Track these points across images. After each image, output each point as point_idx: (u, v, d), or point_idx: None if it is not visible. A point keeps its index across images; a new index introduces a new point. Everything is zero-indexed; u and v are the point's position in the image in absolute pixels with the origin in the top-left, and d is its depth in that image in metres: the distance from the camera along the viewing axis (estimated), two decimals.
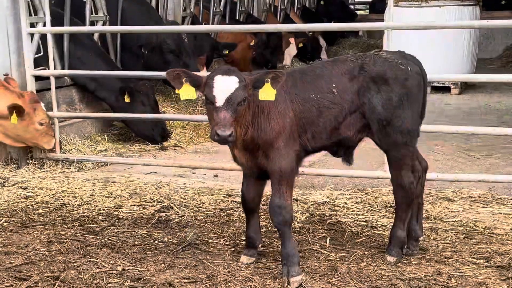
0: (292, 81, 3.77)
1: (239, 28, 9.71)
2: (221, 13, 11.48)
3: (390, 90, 3.76)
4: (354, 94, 3.77)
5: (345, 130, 3.81)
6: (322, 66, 3.87)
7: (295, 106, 3.72)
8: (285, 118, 3.68)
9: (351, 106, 3.78)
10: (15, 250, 4.30)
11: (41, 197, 5.44)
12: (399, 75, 3.78)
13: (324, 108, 3.73)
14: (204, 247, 4.34)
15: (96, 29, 7.77)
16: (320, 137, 3.77)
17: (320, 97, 3.74)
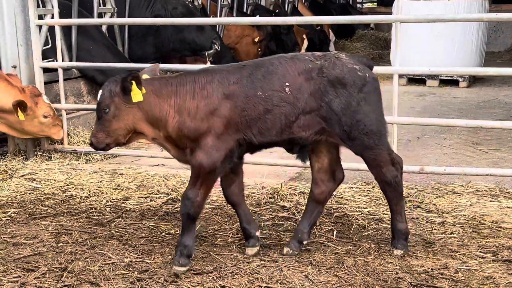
0: (237, 77, 3.74)
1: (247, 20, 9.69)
2: (228, 5, 11.45)
3: (349, 95, 3.74)
4: (310, 96, 3.72)
5: (299, 130, 3.77)
6: (278, 62, 3.80)
7: (235, 104, 3.69)
8: (216, 117, 3.68)
9: (305, 107, 3.73)
10: (23, 241, 4.32)
11: (49, 189, 5.47)
12: (357, 81, 3.77)
13: (273, 105, 3.69)
14: (211, 240, 4.35)
15: (104, 21, 7.77)
16: (269, 133, 3.74)
17: (269, 94, 3.70)
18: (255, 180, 5.72)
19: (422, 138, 7.45)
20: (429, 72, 5.68)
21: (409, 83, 11.71)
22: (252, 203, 5.07)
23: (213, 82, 3.73)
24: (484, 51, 11.89)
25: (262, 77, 3.73)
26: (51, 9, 6.57)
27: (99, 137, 3.83)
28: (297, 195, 5.23)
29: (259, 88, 3.70)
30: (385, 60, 14.57)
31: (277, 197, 5.18)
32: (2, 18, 6.36)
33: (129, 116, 3.76)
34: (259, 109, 3.69)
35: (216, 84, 3.72)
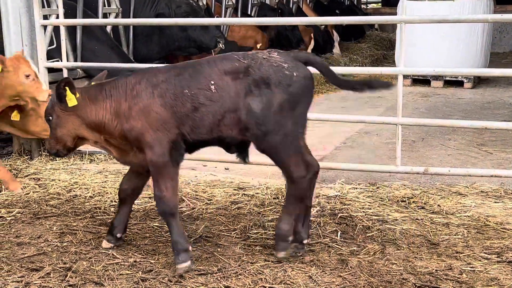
0: (166, 76, 3.82)
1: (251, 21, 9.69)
2: (233, 6, 11.46)
3: (272, 95, 3.70)
4: (236, 95, 3.73)
5: (226, 128, 3.79)
6: (206, 62, 3.85)
7: (166, 101, 3.77)
8: (150, 114, 3.77)
9: (231, 106, 3.74)
10: (27, 241, 4.33)
11: (54, 189, 5.48)
12: (282, 80, 3.72)
13: (200, 104, 3.74)
14: (215, 240, 4.35)
15: (108, 21, 7.78)
16: (199, 131, 3.79)
17: (195, 93, 3.75)
18: (259, 181, 5.73)
19: (427, 139, 7.44)
20: (433, 73, 5.66)
21: (413, 84, 11.70)
22: (256, 203, 5.07)
23: (142, 83, 3.84)
24: (489, 52, 11.87)
25: (189, 76, 3.80)
26: (56, 9, 6.58)
27: (51, 143, 4.05)
28: None
29: (186, 86, 3.77)
30: (389, 61, 14.57)
31: (281, 197, 5.18)
32: (7, 18, 6.37)
33: (69, 123, 3.95)
34: (187, 107, 3.75)
35: (145, 83, 3.82)
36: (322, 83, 11.69)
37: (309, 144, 7.14)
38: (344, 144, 7.31)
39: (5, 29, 6.42)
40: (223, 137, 3.84)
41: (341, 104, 10.08)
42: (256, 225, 4.62)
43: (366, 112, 9.21)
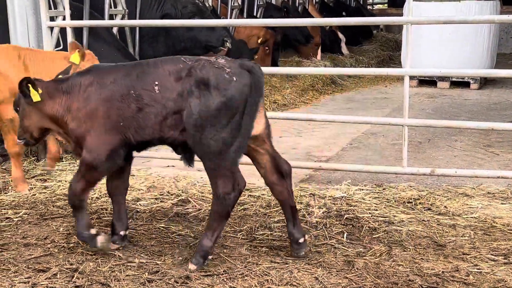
0: (114, 77, 3.88)
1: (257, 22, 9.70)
2: (239, 7, 11.47)
3: (210, 97, 3.68)
4: (179, 96, 3.73)
5: (169, 129, 3.80)
6: (153, 63, 3.88)
7: (111, 104, 3.83)
8: (95, 119, 3.86)
9: (173, 107, 3.75)
10: (34, 242, 4.34)
11: (60, 190, 5.49)
12: (220, 83, 3.70)
13: (144, 105, 3.77)
14: (221, 241, 4.35)
15: (115, 22, 7.80)
16: (143, 132, 3.81)
17: (140, 94, 3.78)
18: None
19: (433, 140, 7.43)
20: (440, 73, 5.65)
21: (420, 85, 11.69)
22: (262, 204, 5.07)
23: (93, 85, 3.91)
24: (495, 52, 11.85)
25: (136, 77, 3.83)
26: (63, 10, 6.60)
27: (19, 132, 4.21)
28: (307, 197, 5.23)
29: (132, 87, 3.81)
30: (395, 62, 14.56)
31: None
32: (14, 20, 6.40)
33: (33, 115, 4.09)
34: (132, 108, 3.78)
35: (95, 86, 3.90)
36: (328, 84, 11.70)
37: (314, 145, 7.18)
38: (350, 145, 7.30)
39: (12, 30, 6.44)
40: (165, 138, 3.85)
41: (347, 105, 10.07)
42: (262, 226, 4.62)
43: (372, 113, 9.20)
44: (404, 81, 5.49)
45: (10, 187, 5.60)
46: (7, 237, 4.46)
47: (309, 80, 11.28)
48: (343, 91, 11.58)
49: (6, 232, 4.53)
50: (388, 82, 12.42)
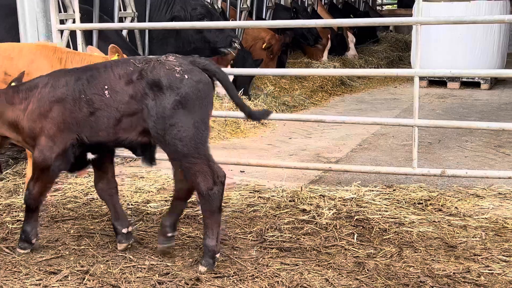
0: (66, 81, 3.93)
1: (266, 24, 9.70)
2: (247, 9, 11.47)
3: (164, 98, 3.70)
4: (131, 98, 3.76)
5: (123, 132, 3.84)
6: (103, 67, 3.92)
7: (64, 106, 3.88)
8: (48, 120, 3.92)
9: (127, 110, 3.78)
10: (45, 244, 4.36)
11: (71, 192, 5.51)
12: (173, 83, 3.71)
13: (96, 109, 3.81)
14: (231, 243, 4.35)
15: (124, 25, 7.82)
16: (98, 134, 3.86)
17: (90, 97, 3.83)
18: (274, 183, 5.73)
19: (443, 140, 7.40)
20: (450, 74, 5.62)
21: (429, 85, 11.65)
22: (272, 206, 5.07)
23: (47, 86, 3.98)
24: (505, 52, 11.78)
25: (86, 81, 3.87)
26: (73, 14, 6.63)
27: None
28: (317, 198, 5.22)
29: (83, 91, 3.85)
30: (405, 62, 14.51)
31: (297, 200, 5.17)
32: (24, 23, 6.44)
33: None
34: (84, 111, 3.84)
35: (49, 87, 3.96)
36: (337, 85, 11.68)
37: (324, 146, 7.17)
38: (360, 146, 7.29)
39: (22, 34, 6.48)
40: (121, 140, 3.89)
41: (357, 106, 10.05)
42: (272, 228, 4.61)
43: (382, 114, 9.18)
44: (414, 81, 5.47)
45: (21, 189, 5.62)
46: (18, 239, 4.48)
47: (318, 81, 11.27)
48: (352, 92, 11.56)
49: (17, 234, 4.55)
50: (397, 83, 12.39)
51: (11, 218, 4.91)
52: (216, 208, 3.84)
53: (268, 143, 7.56)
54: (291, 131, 8.22)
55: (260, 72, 8.31)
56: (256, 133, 8.13)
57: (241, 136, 7.92)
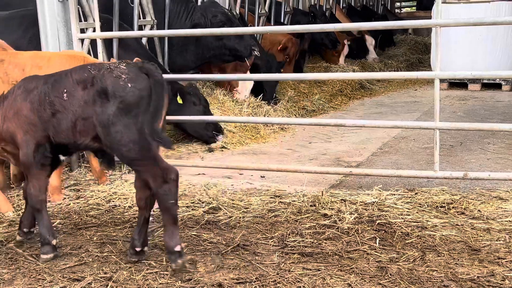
0: (35, 84, 4.19)
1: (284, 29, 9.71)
2: (266, 15, 11.50)
3: (108, 105, 3.87)
4: (85, 104, 3.96)
5: (80, 135, 4.05)
6: (65, 73, 4.13)
7: (34, 106, 4.13)
8: (20, 117, 4.17)
9: (81, 114, 3.98)
10: (69, 251, 4.40)
11: (93, 199, 5.56)
12: (116, 91, 3.87)
13: (56, 110, 4.05)
14: (252, 248, 4.36)
15: (144, 33, 7.88)
16: (60, 135, 4.09)
17: (52, 100, 4.06)
18: (295, 188, 5.72)
19: (465, 143, 7.34)
20: (471, 76, 5.57)
21: (450, 88, 11.57)
22: (293, 211, 5.06)
23: (20, 88, 4.24)
24: None
25: (51, 85, 4.11)
26: (93, 22, 6.71)
27: None
28: (338, 202, 5.21)
29: (47, 93, 4.10)
30: (425, 65, 14.42)
31: (318, 205, 5.16)
32: (45, 32, 6.52)
33: None
34: (48, 112, 4.08)
35: (22, 89, 4.23)
36: (356, 89, 11.65)
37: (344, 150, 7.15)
38: (380, 150, 7.25)
39: (43, 43, 6.56)
40: (78, 143, 4.09)
41: (377, 109, 10.01)
42: (294, 233, 4.61)
43: (403, 117, 9.14)
44: (434, 84, 5.44)
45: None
46: None
47: (337, 85, 11.25)
48: (372, 96, 11.52)
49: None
50: (418, 86, 12.32)
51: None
52: (171, 204, 3.97)
53: (288, 148, 7.55)
54: (311, 135, 8.21)
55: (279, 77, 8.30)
56: (276, 138, 8.13)
57: (261, 141, 7.93)
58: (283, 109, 9.19)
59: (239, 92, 9.27)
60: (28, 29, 7.18)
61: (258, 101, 9.13)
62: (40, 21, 6.51)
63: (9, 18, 7.43)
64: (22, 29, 7.22)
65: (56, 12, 6.49)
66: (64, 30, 6.57)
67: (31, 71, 5.25)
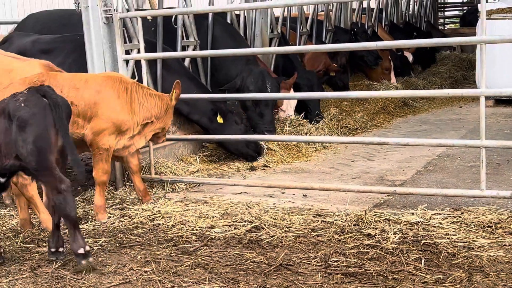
0: None
1: (325, 47, 9.73)
2: (307, 33, 11.52)
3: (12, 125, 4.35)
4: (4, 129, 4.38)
5: (5, 158, 4.44)
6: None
7: None
8: None
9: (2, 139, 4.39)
10: (113, 270, 4.45)
11: (138, 218, 5.63)
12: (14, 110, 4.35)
13: None
14: (295, 268, 4.33)
15: (187, 53, 7.99)
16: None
17: None
18: (338, 207, 5.68)
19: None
20: None
21: (496, 105, 11.35)
22: (336, 230, 5.02)
23: None
24: None
25: None
26: (137, 44, 6.84)
27: None
28: (382, 222, 5.14)
29: None
30: (470, 82, 14.19)
31: (362, 224, 5.11)
32: (92, 54, 6.68)
33: None
34: None
35: None
36: (400, 106, 11.53)
37: (388, 169, 7.08)
38: (425, 168, 7.15)
39: (89, 64, 6.72)
40: (4, 165, 4.45)
41: (421, 127, 9.89)
42: (337, 253, 4.57)
43: (448, 135, 9.00)
44: (479, 101, 5.35)
45: (90, 216, 5.78)
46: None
47: (380, 103, 11.16)
48: (415, 113, 11.39)
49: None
50: (462, 103, 12.13)
51: None
52: (68, 212, 4.37)
53: (330, 167, 7.51)
54: (353, 153, 8.15)
55: (321, 95, 8.29)
56: (318, 156, 8.10)
57: (303, 160, 7.91)
58: (325, 127, 9.15)
59: (284, 110, 9.29)
60: (69, 54, 7.39)
61: (300, 119, 9.12)
62: (86, 43, 6.68)
63: (53, 42, 7.65)
64: (64, 54, 7.43)
65: (102, 34, 6.65)
66: (109, 52, 6.72)
67: (68, 92, 5.44)
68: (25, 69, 5.87)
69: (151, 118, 5.83)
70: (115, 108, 5.60)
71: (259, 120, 8.28)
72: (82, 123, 5.58)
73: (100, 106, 5.56)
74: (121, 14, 6.70)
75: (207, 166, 7.57)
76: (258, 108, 8.31)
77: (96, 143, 5.60)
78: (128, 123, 5.68)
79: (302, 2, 10.45)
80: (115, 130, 5.63)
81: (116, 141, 5.69)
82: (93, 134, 5.58)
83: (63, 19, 8.82)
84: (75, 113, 5.44)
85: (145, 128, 5.87)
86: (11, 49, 7.27)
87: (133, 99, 5.71)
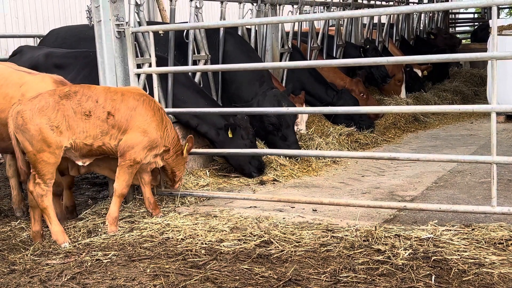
0: None
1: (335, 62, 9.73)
2: (318, 48, 11.55)
3: None
4: None
5: None
6: None
7: None
8: None
9: None
10: (122, 283, 4.46)
11: (147, 231, 5.63)
12: None
13: None
14: (304, 283, 4.31)
15: (198, 68, 8.03)
16: None
17: None
18: (348, 222, 5.66)
19: None
20: None
21: (507, 120, 11.30)
22: (345, 245, 5.00)
23: None
24: None
25: None
26: (149, 58, 6.89)
27: None
28: (392, 238, 5.11)
29: None
30: (481, 98, 14.16)
31: (371, 239, 5.09)
32: (104, 68, 6.72)
33: None
34: None
35: None
36: (410, 121, 11.51)
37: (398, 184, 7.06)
38: (435, 184, 7.12)
39: (101, 78, 6.77)
40: None
41: (431, 142, 9.86)
42: (346, 268, 4.55)
43: (458, 150, 8.96)
44: (491, 117, 5.33)
45: (100, 229, 5.79)
46: (97, 278, 4.60)
47: (391, 118, 11.14)
48: (426, 128, 11.36)
49: (96, 273, 4.68)
50: (473, 118, 12.09)
51: (90, 257, 5.06)
52: None
53: (340, 181, 7.50)
54: (363, 168, 8.13)
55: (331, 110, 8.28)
56: (328, 171, 8.09)
57: (313, 175, 7.90)
58: (335, 142, 9.15)
59: (297, 124, 9.29)
60: (80, 70, 7.46)
61: (310, 133, 9.13)
62: (98, 57, 6.73)
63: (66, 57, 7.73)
64: (76, 70, 7.50)
65: (114, 48, 6.70)
66: (121, 66, 6.77)
67: (105, 102, 5.61)
68: (37, 83, 5.97)
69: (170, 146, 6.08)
70: (151, 124, 5.80)
71: (283, 144, 8.24)
72: (116, 134, 5.69)
73: (137, 120, 5.72)
74: (133, 29, 6.76)
75: (217, 180, 7.58)
76: (280, 132, 8.30)
77: (129, 155, 5.71)
78: (160, 141, 5.89)
79: (313, 18, 10.48)
80: (148, 145, 5.78)
81: (145, 155, 5.82)
82: (127, 146, 5.69)
83: (81, 33, 8.93)
84: (111, 124, 5.58)
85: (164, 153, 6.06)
86: (21, 62, 7.37)
87: (165, 121, 5.96)
